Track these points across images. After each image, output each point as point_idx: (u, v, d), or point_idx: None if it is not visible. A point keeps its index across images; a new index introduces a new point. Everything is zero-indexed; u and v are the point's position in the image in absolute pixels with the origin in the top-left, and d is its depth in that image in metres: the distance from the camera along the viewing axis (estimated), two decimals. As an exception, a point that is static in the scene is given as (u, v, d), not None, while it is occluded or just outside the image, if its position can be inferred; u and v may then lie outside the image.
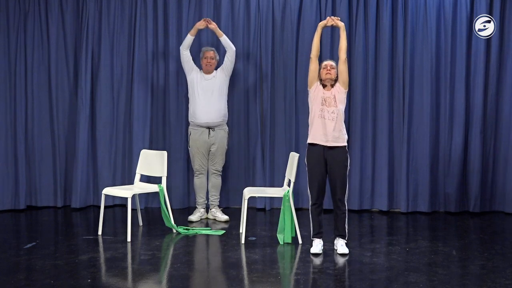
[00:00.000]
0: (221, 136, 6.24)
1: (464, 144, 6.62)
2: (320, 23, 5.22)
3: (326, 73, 5.05)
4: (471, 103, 6.62)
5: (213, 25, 6.23)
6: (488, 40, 6.55)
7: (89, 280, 4.29)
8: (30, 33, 6.71)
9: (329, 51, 6.63)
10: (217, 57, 6.30)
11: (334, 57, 6.47)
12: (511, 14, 6.54)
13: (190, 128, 6.29)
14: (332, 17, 5.21)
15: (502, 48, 6.58)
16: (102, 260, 4.86)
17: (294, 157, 5.44)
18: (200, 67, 6.31)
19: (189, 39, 6.25)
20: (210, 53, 6.21)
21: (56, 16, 6.73)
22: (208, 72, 6.23)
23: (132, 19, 6.73)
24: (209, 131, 6.19)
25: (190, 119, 6.29)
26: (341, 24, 5.14)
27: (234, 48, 6.27)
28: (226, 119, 6.31)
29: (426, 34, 6.58)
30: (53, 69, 6.75)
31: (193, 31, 6.25)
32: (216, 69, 6.30)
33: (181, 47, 6.30)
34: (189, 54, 6.28)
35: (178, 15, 6.71)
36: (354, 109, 6.65)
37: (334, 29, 6.62)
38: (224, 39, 6.25)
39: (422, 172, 6.64)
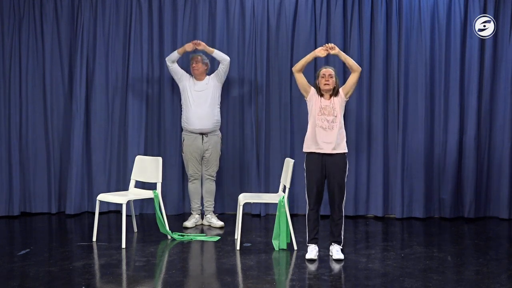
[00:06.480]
0: (214, 142, 6.24)
1: (458, 149, 6.63)
2: (316, 52, 5.10)
3: (325, 84, 4.99)
4: (465, 109, 6.63)
5: (201, 46, 6.20)
6: (482, 45, 6.58)
7: (83, 287, 4.27)
8: (24, 39, 6.69)
9: (323, 58, 6.63)
10: (205, 61, 6.26)
11: (329, 63, 6.50)
12: (505, 19, 6.57)
13: (184, 134, 6.29)
14: (327, 45, 5.07)
15: (495, 53, 6.60)
16: (96, 266, 4.85)
17: (289, 163, 5.43)
18: (191, 73, 6.31)
19: (175, 55, 6.23)
20: (197, 58, 6.19)
21: (51, 22, 6.71)
22: (199, 78, 6.22)
23: (127, 25, 6.73)
24: (202, 137, 6.19)
25: (183, 125, 6.29)
26: (337, 51, 5.05)
27: (228, 59, 6.23)
28: (219, 125, 6.30)
29: (420, 39, 6.59)
30: (48, 75, 6.73)
31: (181, 50, 6.22)
32: (209, 74, 6.31)
33: (166, 59, 6.29)
34: (175, 65, 6.25)
35: (173, 22, 6.71)
36: (348, 115, 6.64)
37: (330, 37, 6.63)
38: (216, 54, 6.21)
39: (417, 178, 6.65)
